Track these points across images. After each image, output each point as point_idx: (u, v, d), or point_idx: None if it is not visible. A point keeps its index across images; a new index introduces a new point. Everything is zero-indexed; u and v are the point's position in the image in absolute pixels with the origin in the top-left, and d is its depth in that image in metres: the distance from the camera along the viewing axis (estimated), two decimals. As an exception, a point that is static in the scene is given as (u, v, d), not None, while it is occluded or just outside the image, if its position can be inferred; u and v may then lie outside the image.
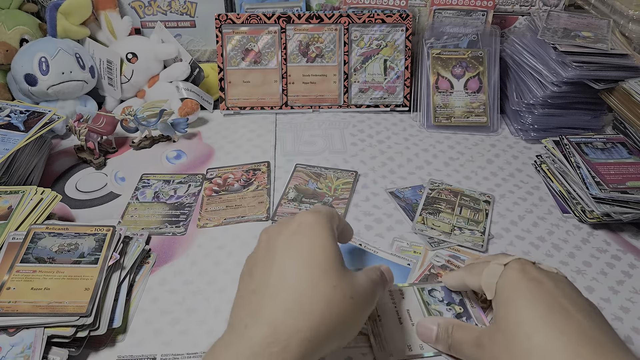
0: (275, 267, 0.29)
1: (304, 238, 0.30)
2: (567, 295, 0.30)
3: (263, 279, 0.29)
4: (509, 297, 0.30)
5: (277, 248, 0.30)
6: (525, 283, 0.30)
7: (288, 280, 0.28)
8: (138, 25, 0.73)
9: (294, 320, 0.26)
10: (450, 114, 0.66)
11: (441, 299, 0.40)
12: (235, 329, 0.28)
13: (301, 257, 0.29)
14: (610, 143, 0.55)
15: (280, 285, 0.28)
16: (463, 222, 0.49)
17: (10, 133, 0.52)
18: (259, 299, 0.28)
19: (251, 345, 0.26)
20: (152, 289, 0.43)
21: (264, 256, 0.31)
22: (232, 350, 0.26)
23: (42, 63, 0.60)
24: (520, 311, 0.29)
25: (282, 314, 0.27)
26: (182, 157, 0.61)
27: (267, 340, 0.26)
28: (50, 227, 0.44)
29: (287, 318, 0.27)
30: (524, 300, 0.29)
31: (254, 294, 0.29)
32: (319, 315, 0.27)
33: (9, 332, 0.36)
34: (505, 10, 0.73)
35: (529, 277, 0.30)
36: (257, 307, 0.28)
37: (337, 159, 0.60)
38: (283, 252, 0.30)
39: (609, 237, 0.49)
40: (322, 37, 0.68)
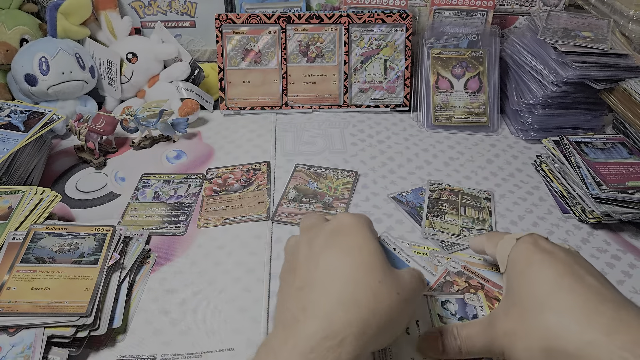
0: (321, 265, 0.29)
1: (347, 237, 0.30)
2: (579, 263, 0.29)
3: (309, 276, 0.29)
4: (522, 270, 0.30)
5: (319, 247, 0.30)
6: (538, 255, 0.30)
7: (335, 276, 0.28)
8: (138, 25, 0.73)
9: (345, 314, 0.26)
10: (450, 114, 0.66)
11: (454, 312, 0.38)
12: (288, 325, 0.27)
13: (345, 254, 0.29)
14: (610, 143, 0.55)
15: (328, 281, 0.28)
16: (470, 222, 0.49)
17: (11, 133, 0.52)
18: (308, 294, 0.28)
19: (307, 339, 0.26)
20: (152, 289, 0.43)
21: (307, 255, 0.30)
22: (290, 345, 0.26)
23: (42, 63, 0.60)
24: (533, 280, 0.29)
25: (333, 307, 0.26)
26: (182, 157, 0.61)
27: (322, 335, 0.26)
28: (51, 227, 0.44)
29: (339, 311, 0.26)
30: (537, 270, 0.29)
31: (301, 290, 0.28)
32: (368, 310, 0.27)
33: (9, 332, 0.36)
34: (505, 10, 0.73)
35: (541, 249, 0.30)
36: (307, 302, 0.28)
37: (337, 159, 0.60)
38: (326, 250, 0.29)
39: (609, 237, 0.49)
40: (322, 37, 0.68)
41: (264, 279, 0.44)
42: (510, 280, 0.31)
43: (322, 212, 0.51)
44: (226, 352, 0.37)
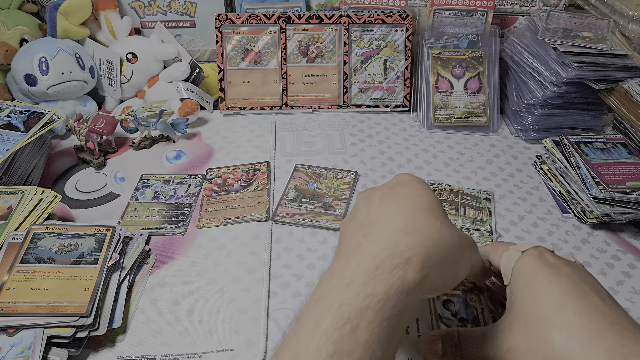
0: (381, 207, 0.29)
1: (406, 187, 0.30)
2: (585, 280, 0.29)
3: (369, 217, 0.29)
4: (526, 283, 0.29)
5: (379, 197, 0.30)
6: (543, 269, 0.29)
7: (396, 213, 0.28)
8: (138, 25, 0.73)
9: (409, 238, 0.26)
10: (450, 114, 0.66)
11: (455, 312, 0.38)
12: (350, 250, 0.27)
13: (406, 199, 0.29)
14: (610, 143, 0.54)
15: (390, 216, 0.28)
16: (469, 223, 0.49)
17: (10, 133, 0.52)
18: (369, 226, 0.28)
19: (373, 258, 0.26)
20: (151, 289, 0.43)
21: (366, 204, 0.30)
22: (354, 265, 0.26)
23: (42, 63, 0.60)
24: (537, 295, 0.28)
25: (396, 233, 0.26)
26: (182, 158, 0.61)
27: (387, 253, 0.26)
28: (50, 228, 0.44)
29: (403, 236, 0.26)
30: (542, 285, 0.29)
31: (361, 227, 0.28)
32: (432, 239, 0.27)
33: (8, 333, 0.36)
34: (505, 10, 0.73)
35: (546, 263, 0.30)
36: (369, 230, 0.28)
37: (337, 159, 0.60)
38: (387, 198, 0.29)
39: (608, 238, 0.49)
40: (322, 37, 0.68)
41: (263, 279, 0.44)
42: (515, 293, 0.30)
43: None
44: (226, 352, 0.37)
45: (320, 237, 0.48)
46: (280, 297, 0.42)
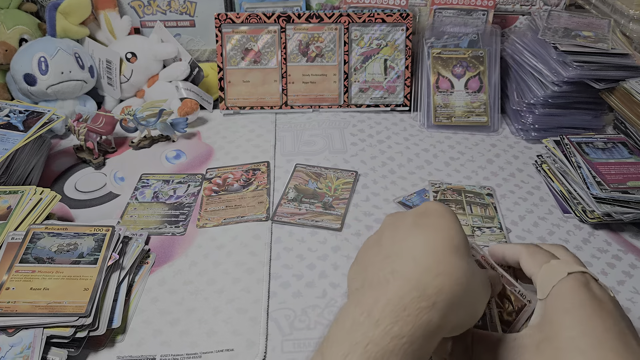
0: (409, 239, 0.29)
1: (434, 218, 0.30)
2: (624, 319, 0.29)
3: (395, 248, 0.29)
4: (567, 309, 0.28)
5: (407, 226, 0.30)
6: (589, 300, 0.29)
7: (424, 248, 0.28)
8: (137, 24, 0.73)
9: (438, 281, 0.26)
10: (451, 113, 0.66)
11: None
12: (377, 285, 0.27)
13: (434, 231, 0.29)
14: (611, 143, 0.54)
15: (417, 252, 0.28)
16: (479, 221, 0.49)
17: (10, 133, 0.52)
18: (396, 260, 0.28)
19: (400, 298, 0.26)
20: (151, 289, 0.43)
21: (393, 231, 0.30)
22: (382, 303, 0.26)
23: (41, 63, 0.60)
24: (576, 325, 0.27)
25: (424, 274, 0.26)
26: (182, 157, 0.61)
27: (415, 295, 0.26)
28: (50, 227, 0.44)
29: (431, 279, 0.26)
30: (585, 315, 0.28)
31: (388, 257, 0.28)
32: (458, 284, 0.27)
33: (8, 333, 0.36)
34: (506, 9, 0.72)
35: (592, 295, 0.29)
36: (396, 266, 0.28)
37: (337, 158, 0.60)
38: (414, 228, 0.29)
39: (609, 237, 0.49)
40: (322, 36, 0.68)
41: (263, 279, 0.43)
42: (550, 314, 0.29)
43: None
44: (225, 352, 0.37)
45: (320, 237, 0.48)
46: (280, 297, 0.42)
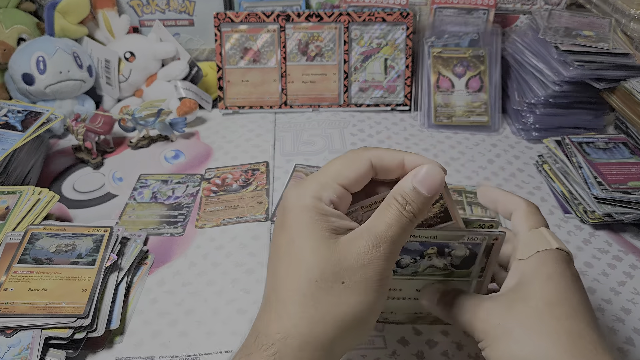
0: (271, 268, 0.28)
1: (284, 232, 0.27)
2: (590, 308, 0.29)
3: (266, 287, 0.28)
4: (549, 273, 0.28)
5: (273, 245, 0.28)
6: (570, 274, 0.28)
7: (277, 287, 0.26)
8: (136, 24, 0.73)
9: (278, 324, 0.25)
10: (451, 113, 0.66)
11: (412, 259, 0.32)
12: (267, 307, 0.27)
13: (283, 255, 0.27)
14: (612, 143, 0.54)
15: (272, 295, 0.26)
16: None
17: (8, 133, 0.52)
18: (264, 308, 0.27)
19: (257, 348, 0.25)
20: (150, 290, 0.42)
21: (271, 251, 0.29)
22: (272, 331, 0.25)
23: (39, 62, 0.60)
24: (556, 292, 0.27)
25: (276, 327, 0.25)
26: (180, 157, 0.60)
27: (259, 343, 0.25)
28: (48, 228, 0.43)
29: (272, 318, 0.25)
30: (564, 285, 0.27)
31: (265, 300, 0.27)
32: (310, 320, 0.25)
33: (6, 334, 0.36)
34: (507, 9, 0.72)
35: (573, 271, 0.29)
36: (264, 318, 0.27)
37: (336, 158, 0.59)
38: (275, 250, 0.28)
39: (610, 238, 0.48)
40: (322, 35, 0.68)
41: (262, 280, 0.43)
42: (530, 276, 0.28)
43: None
44: (224, 354, 0.37)
45: (320, 238, 0.48)
46: (279, 298, 0.42)
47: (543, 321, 0.26)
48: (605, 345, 0.26)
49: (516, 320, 0.27)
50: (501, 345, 0.27)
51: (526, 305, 0.27)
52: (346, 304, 0.25)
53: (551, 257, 0.29)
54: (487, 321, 0.28)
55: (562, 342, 0.25)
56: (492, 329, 0.27)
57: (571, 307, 0.27)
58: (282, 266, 0.26)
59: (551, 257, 0.29)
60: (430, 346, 0.38)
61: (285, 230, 0.27)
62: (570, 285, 0.28)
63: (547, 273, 0.28)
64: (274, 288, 0.26)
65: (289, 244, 0.26)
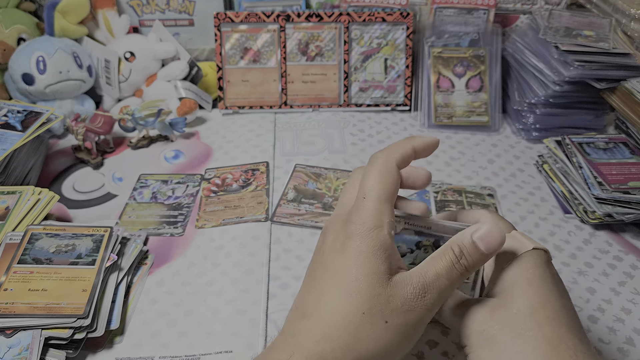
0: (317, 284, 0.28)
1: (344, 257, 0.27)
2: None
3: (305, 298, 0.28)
4: (529, 278, 0.28)
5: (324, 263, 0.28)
6: (550, 276, 0.28)
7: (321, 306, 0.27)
8: (136, 23, 0.73)
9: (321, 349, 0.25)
10: (451, 113, 0.66)
11: (409, 249, 0.32)
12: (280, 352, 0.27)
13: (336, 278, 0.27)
14: (612, 143, 0.54)
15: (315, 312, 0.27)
16: None
17: (8, 133, 0.52)
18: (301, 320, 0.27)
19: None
20: (150, 290, 0.42)
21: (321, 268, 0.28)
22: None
23: (39, 62, 0.60)
24: (537, 297, 0.27)
25: (313, 344, 0.25)
26: (180, 157, 0.60)
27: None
28: (48, 228, 0.43)
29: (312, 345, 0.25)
30: (545, 289, 0.27)
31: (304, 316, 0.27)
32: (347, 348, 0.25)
33: (6, 334, 0.36)
34: (507, 9, 0.72)
35: (553, 272, 0.29)
36: (299, 330, 0.27)
37: (336, 158, 0.59)
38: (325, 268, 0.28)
39: (610, 238, 0.48)
40: (322, 35, 0.68)
41: (262, 280, 0.43)
42: (510, 282, 0.29)
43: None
44: (224, 354, 0.37)
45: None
46: (279, 298, 0.42)
47: (525, 327, 0.26)
48: (587, 348, 0.26)
49: (498, 326, 0.27)
50: (484, 351, 0.27)
51: (508, 311, 0.27)
52: (382, 341, 0.26)
53: (531, 262, 0.29)
54: (471, 327, 0.28)
55: (542, 348, 0.25)
56: (475, 335, 0.28)
57: (553, 311, 0.27)
58: (332, 289, 0.27)
59: (531, 262, 0.29)
60: (430, 346, 0.38)
61: (345, 255, 0.27)
62: (551, 289, 0.28)
63: (528, 278, 0.28)
64: (319, 307, 0.26)
65: (345, 270, 0.27)
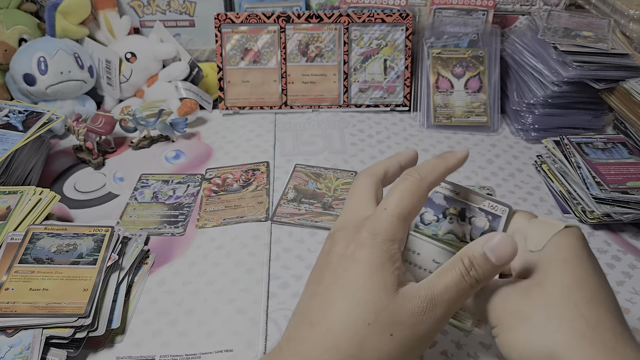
0: (323, 292, 0.27)
1: (353, 265, 0.26)
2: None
3: (310, 305, 0.27)
4: (564, 257, 0.27)
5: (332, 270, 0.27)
6: (586, 255, 0.27)
7: (330, 315, 0.26)
8: (137, 24, 0.73)
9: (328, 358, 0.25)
10: (451, 113, 0.66)
11: (435, 217, 0.32)
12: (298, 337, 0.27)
13: (344, 287, 0.26)
14: (611, 143, 0.54)
15: (322, 321, 0.26)
16: None
17: (9, 133, 0.52)
18: (309, 328, 0.27)
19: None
20: (150, 289, 0.43)
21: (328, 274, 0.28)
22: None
23: (40, 63, 0.60)
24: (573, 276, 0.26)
25: (321, 353, 0.25)
26: (181, 157, 0.61)
27: None
28: (49, 228, 0.43)
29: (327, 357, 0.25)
30: (581, 268, 0.26)
31: (311, 324, 0.27)
32: (352, 358, 0.25)
33: (7, 333, 0.36)
34: (506, 9, 0.72)
35: (589, 251, 0.28)
36: (307, 338, 0.26)
37: (336, 159, 0.60)
38: (334, 276, 0.27)
39: (609, 238, 0.49)
40: (322, 36, 0.68)
41: (263, 279, 0.43)
42: (545, 262, 0.27)
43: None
44: (225, 353, 0.37)
45: (319, 238, 0.48)
46: (279, 297, 0.42)
47: (561, 307, 0.25)
48: (625, 329, 0.25)
49: (533, 306, 0.26)
50: (517, 332, 0.26)
51: (543, 291, 0.26)
52: (387, 354, 0.25)
53: (565, 240, 0.27)
54: (502, 307, 0.27)
55: (580, 328, 0.24)
56: (508, 316, 0.26)
57: (590, 291, 0.25)
58: (340, 297, 0.26)
59: (565, 240, 0.27)
60: (430, 346, 0.38)
61: (354, 263, 0.26)
62: (588, 268, 0.26)
63: (563, 257, 0.27)
64: (326, 315, 0.26)
65: (353, 279, 0.26)
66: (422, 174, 0.29)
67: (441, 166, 0.30)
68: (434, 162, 0.30)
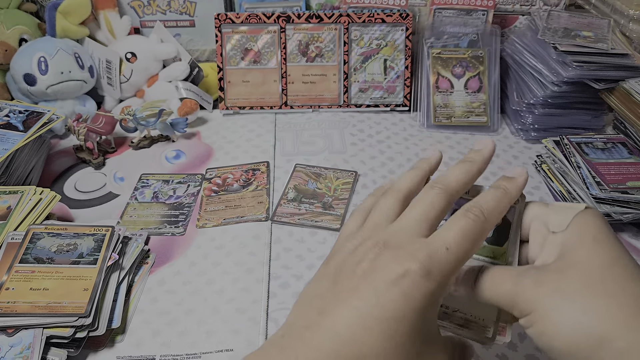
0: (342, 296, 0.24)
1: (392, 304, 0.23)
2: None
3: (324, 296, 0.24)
4: (594, 235, 0.26)
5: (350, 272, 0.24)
6: (612, 234, 0.26)
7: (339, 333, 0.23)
8: (137, 24, 0.73)
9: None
10: (451, 113, 0.66)
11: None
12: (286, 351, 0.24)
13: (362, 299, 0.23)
14: (611, 143, 0.54)
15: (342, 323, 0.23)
16: None
17: (9, 133, 0.52)
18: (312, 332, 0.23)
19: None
20: (151, 289, 0.43)
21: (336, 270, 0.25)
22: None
23: (41, 63, 0.60)
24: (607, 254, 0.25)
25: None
26: (181, 157, 0.61)
27: None
28: (49, 227, 0.44)
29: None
30: (612, 246, 0.25)
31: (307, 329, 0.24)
32: None
33: (7, 333, 0.36)
34: (506, 9, 0.72)
35: (613, 231, 0.27)
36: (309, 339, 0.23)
37: (336, 159, 0.60)
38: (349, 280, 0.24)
39: (609, 238, 0.49)
40: (322, 36, 0.68)
41: (263, 279, 0.43)
42: (573, 242, 0.26)
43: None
44: (225, 352, 0.37)
45: (319, 237, 0.48)
46: (279, 297, 0.42)
47: (604, 284, 0.24)
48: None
49: (573, 286, 0.24)
50: (559, 315, 0.24)
51: (580, 269, 0.24)
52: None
53: (590, 218, 0.26)
54: (536, 291, 0.25)
55: (627, 303, 0.23)
56: (546, 298, 0.24)
57: (627, 268, 0.24)
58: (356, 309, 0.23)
59: (590, 218, 0.26)
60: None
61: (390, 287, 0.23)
62: (619, 246, 0.26)
63: (593, 235, 0.26)
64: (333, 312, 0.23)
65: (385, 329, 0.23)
66: (486, 213, 0.26)
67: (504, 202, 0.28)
68: (498, 198, 0.28)
